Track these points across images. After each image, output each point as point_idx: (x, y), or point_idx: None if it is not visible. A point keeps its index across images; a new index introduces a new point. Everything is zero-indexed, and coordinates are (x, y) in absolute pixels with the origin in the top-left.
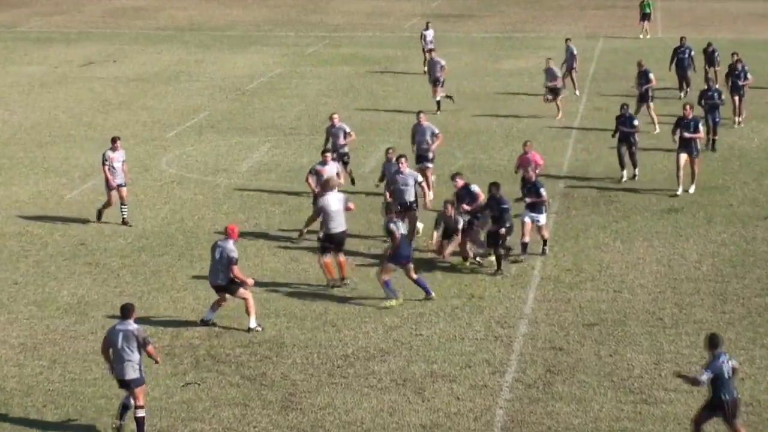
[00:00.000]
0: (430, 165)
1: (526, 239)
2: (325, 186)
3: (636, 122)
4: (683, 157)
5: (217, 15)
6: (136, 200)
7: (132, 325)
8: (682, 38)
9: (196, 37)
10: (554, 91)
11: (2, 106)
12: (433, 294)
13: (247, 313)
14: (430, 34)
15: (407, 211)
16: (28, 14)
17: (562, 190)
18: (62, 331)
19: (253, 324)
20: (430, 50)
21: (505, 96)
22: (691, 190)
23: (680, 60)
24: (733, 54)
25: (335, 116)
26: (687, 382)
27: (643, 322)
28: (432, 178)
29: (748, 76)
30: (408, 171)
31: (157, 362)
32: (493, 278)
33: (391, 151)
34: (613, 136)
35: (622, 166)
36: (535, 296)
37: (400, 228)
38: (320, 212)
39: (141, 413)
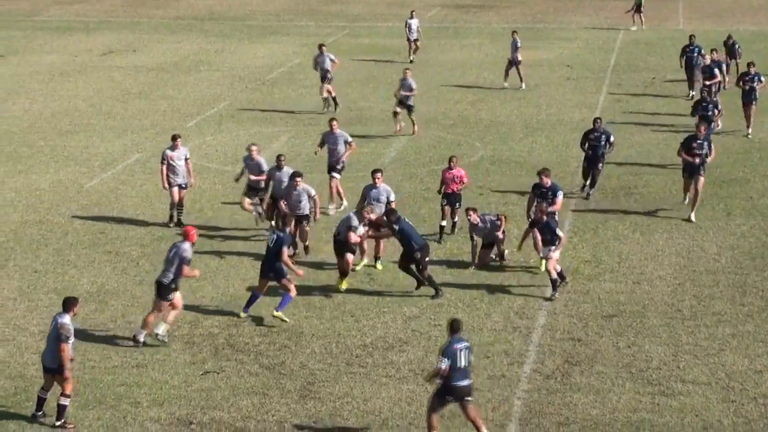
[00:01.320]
0: (337, 176)
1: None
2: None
3: (612, 138)
4: (690, 179)
5: (237, 4)
6: (155, 189)
7: (60, 318)
8: (691, 36)
9: (216, 26)
10: (407, 106)
11: (22, 95)
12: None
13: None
14: (414, 23)
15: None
16: (48, 3)
17: (581, 182)
18: (82, 320)
19: (160, 330)
20: (416, 40)
21: (525, 87)
22: (692, 217)
23: (689, 59)
24: (749, 64)
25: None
26: (430, 378)
27: (662, 314)
28: (340, 188)
29: (762, 79)
30: (382, 186)
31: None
32: (512, 269)
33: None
34: (582, 149)
35: (585, 176)
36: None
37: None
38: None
39: (63, 401)
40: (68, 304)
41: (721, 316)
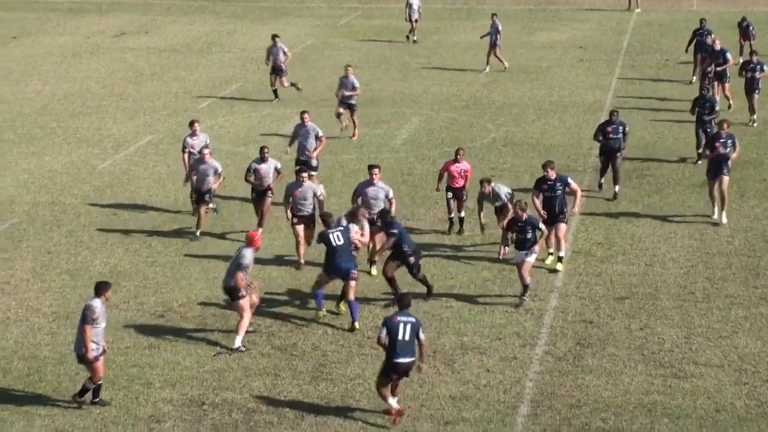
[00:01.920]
0: (313, 173)
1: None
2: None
3: (627, 129)
4: (715, 181)
5: None
6: (168, 171)
7: (89, 302)
8: (702, 20)
9: (227, 8)
10: (349, 106)
11: (35, 77)
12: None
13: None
14: (416, 3)
15: (371, 226)
16: None
17: (594, 163)
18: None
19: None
20: (416, 20)
21: (538, 69)
22: (724, 219)
23: (699, 43)
24: (751, 53)
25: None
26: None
27: (675, 296)
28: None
29: (765, 68)
30: (380, 183)
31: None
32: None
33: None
34: (595, 138)
35: (603, 174)
36: (566, 269)
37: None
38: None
39: (88, 384)
40: (99, 289)
41: (734, 298)
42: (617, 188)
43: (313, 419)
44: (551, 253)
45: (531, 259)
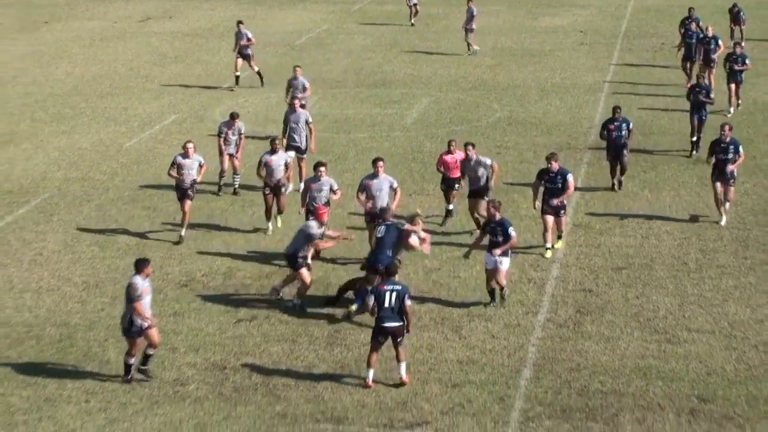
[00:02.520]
0: (303, 156)
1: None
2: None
3: (631, 126)
4: (719, 185)
5: None
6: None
7: (131, 279)
8: (690, 9)
9: None
10: (302, 107)
11: (65, 60)
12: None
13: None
14: None
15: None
16: None
17: (593, 141)
18: (122, 271)
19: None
20: (415, 4)
21: (541, 52)
22: (723, 222)
23: (689, 46)
24: (735, 44)
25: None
26: (361, 311)
27: (669, 267)
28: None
29: (747, 61)
30: (384, 175)
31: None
32: (527, 225)
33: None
34: (601, 137)
35: (613, 174)
36: (566, 241)
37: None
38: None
39: (129, 360)
40: (138, 266)
41: (724, 268)
42: (623, 177)
43: (328, 383)
44: (549, 248)
45: (504, 266)
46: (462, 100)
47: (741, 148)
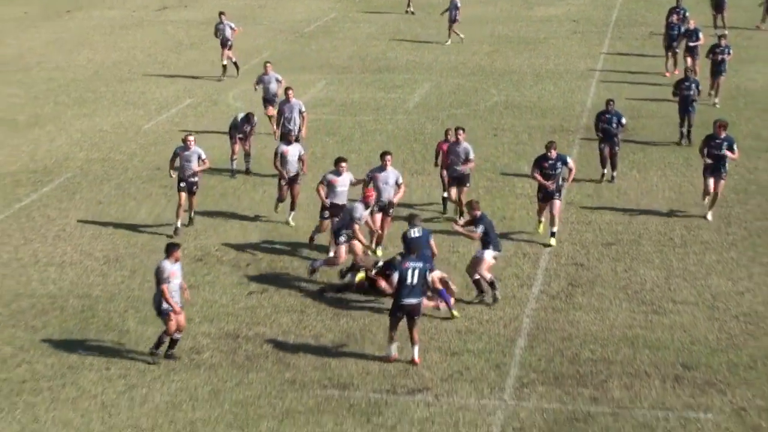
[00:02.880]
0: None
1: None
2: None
3: (624, 120)
4: (711, 180)
5: None
6: (205, 130)
7: (160, 262)
8: (678, 0)
9: None
10: (272, 102)
11: (87, 47)
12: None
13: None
14: None
15: (383, 212)
16: None
17: (585, 124)
18: (141, 245)
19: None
20: None
21: (536, 40)
22: (709, 216)
23: (671, 36)
24: (719, 37)
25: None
26: (388, 289)
27: (655, 242)
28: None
29: (730, 52)
30: (391, 168)
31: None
32: (523, 203)
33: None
34: (596, 133)
35: (603, 165)
36: (559, 218)
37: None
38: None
39: (165, 338)
40: (168, 250)
41: (707, 244)
42: (615, 173)
43: (334, 350)
44: (541, 221)
45: (488, 257)
46: (461, 85)
47: (735, 146)
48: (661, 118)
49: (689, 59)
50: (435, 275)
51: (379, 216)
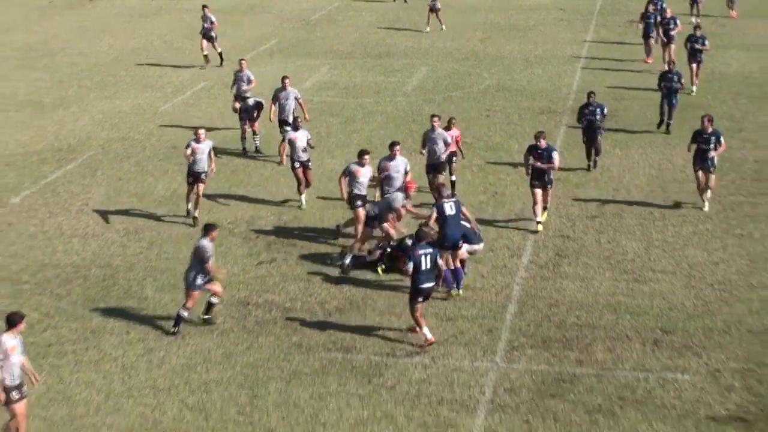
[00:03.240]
0: (289, 129)
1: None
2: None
3: (606, 110)
4: (701, 174)
5: None
6: (218, 112)
7: (200, 242)
8: None
9: None
10: (244, 99)
11: (108, 33)
12: (455, 290)
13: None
14: None
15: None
16: None
17: (571, 105)
18: (158, 219)
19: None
20: None
21: (525, 27)
22: (706, 208)
23: (647, 25)
24: (695, 27)
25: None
26: (406, 273)
27: (637, 215)
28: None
29: (706, 42)
30: (400, 158)
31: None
32: (513, 179)
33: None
34: (580, 124)
35: (589, 156)
36: (546, 208)
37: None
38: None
39: (183, 313)
40: (207, 230)
41: (685, 217)
42: (597, 158)
43: (338, 316)
44: (539, 222)
45: (462, 249)
46: (456, 70)
47: (722, 139)
48: (642, 100)
49: (666, 47)
50: (462, 251)
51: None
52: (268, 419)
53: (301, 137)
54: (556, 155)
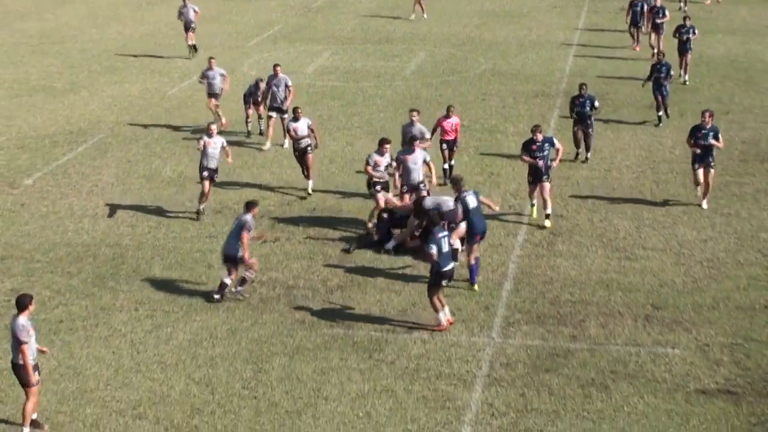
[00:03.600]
0: (286, 116)
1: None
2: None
3: (597, 103)
4: (701, 170)
5: None
6: (224, 97)
7: (242, 217)
8: None
9: None
10: (215, 96)
11: (116, 21)
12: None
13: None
14: None
15: (414, 191)
16: None
17: (564, 89)
18: (166, 199)
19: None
20: None
21: (520, 13)
22: (704, 204)
23: (634, 13)
24: (684, 18)
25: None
26: (426, 259)
27: (628, 195)
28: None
29: (696, 31)
30: (419, 151)
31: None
32: (509, 160)
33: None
34: (571, 116)
35: (577, 147)
36: (551, 199)
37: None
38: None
39: (249, 274)
40: (249, 206)
41: (675, 196)
42: (589, 154)
43: (339, 293)
44: (533, 205)
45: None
46: (453, 55)
47: (720, 135)
48: (633, 84)
49: (654, 36)
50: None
51: (407, 197)
52: (272, 393)
53: (301, 126)
54: (557, 142)
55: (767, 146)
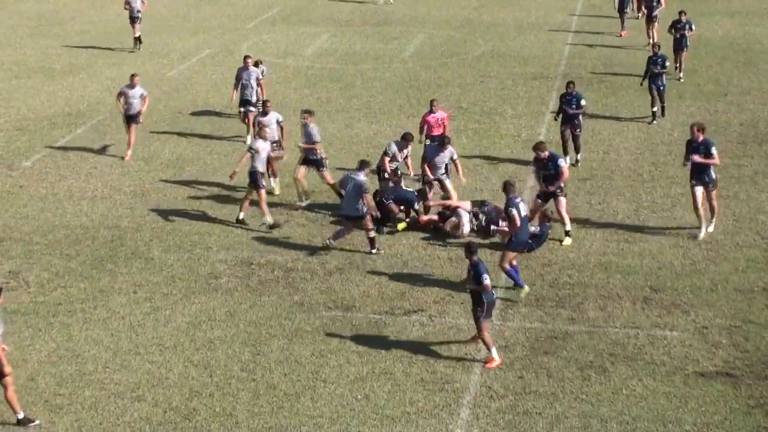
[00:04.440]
0: (252, 109)
1: None
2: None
3: (583, 102)
4: (699, 189)
5: None
6: (222, 78)
7: (359, 177)
8: None
9: None
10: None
11: (115, 2)
12: (525, 287)
13: None
14: None
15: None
16: None
17: (563, 71)
18: (164, 181)
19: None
20: None
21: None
22: (711, 228)
23: (621, 2)
24: (680, 12)
25: (249, 60)
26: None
27: (626, 177)
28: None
29: (693, 27)
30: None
31: (371, 212)
32: (507, 142)
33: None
34: (556, 118)
35: (566, 152)
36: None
37: (522, 210)
38: None
39: (371, 234)
40: (362, 165)
41: (673, 178)
42: (579, 156)
43: (338, 276)
44: (568, 232)
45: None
46: (452, 37)
47: (714, 150)
48: (631, 67)
49: (649, 24)
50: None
51: (431, 193)
52: (271, 376)
53: (269, 121)
54: (561, 162)
55: (765, 128)
